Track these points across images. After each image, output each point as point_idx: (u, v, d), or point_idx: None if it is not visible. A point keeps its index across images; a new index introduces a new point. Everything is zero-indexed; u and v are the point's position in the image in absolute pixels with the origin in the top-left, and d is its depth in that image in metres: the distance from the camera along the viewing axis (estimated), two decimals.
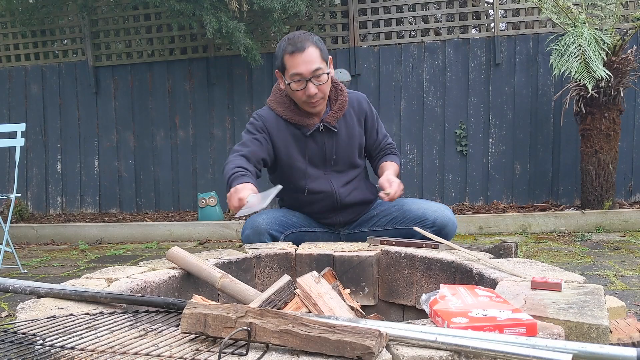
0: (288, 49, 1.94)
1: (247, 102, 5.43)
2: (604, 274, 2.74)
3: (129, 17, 5.74)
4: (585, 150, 4.41)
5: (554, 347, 0.84)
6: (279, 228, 2.03)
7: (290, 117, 2.06)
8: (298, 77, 1.94)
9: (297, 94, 1.98)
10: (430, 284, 1.60)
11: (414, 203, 2.08)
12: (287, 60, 1.95)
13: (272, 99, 2.13)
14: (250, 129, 2.08)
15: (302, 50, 1.94)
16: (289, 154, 2.07)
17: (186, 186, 5.55)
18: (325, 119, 2.06)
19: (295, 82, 1.96)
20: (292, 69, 1.94)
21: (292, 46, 1.94)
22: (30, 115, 5.81)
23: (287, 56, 1.95)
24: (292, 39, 1.96)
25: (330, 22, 5.43)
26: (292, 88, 1.97)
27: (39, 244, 4.69)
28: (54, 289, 1.28)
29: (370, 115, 2.18)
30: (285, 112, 2.07)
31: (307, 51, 1.94)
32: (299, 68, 1.93)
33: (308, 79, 1.94)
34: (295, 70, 1.94)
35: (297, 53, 1.93)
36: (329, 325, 0.85)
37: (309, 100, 1.99)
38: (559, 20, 4.43)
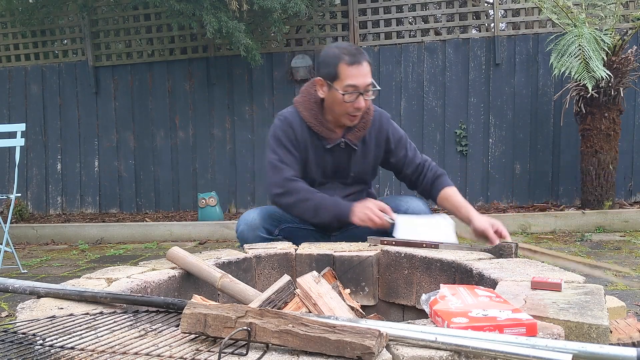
0: (346, 59, 1.92)
1: (247, 102, 5.42)
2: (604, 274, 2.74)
3: (129, 17, 5.74)
4: (585, 150, 4.41)
5: (554, 347, 0.84)
6: (273, 222, 2.06)
7: (315, 126, 2.03)
8: (353, 88, 1.92)
9: (345, 105, 1.95)
10: (430, 284, 1.60)
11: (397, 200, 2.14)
12: (343, 69, 1.92)
13: (300, 102, 2.09)
14: (284, 140, 2.03)
15: (360, 63, 1.93)
16: (305, 162, 2.07)
17: (186, 186, 5.55)
18: (347, 135, 2.06)
19: (349, 94, 1.92)
20: (349, 79, 1.91)
21: (350, 57, 1.92)
22: (30, 115, 5.81)
23: (343, 66, 1.92)
24: (348, 49, 1.95)
25: (330, 22, 5.43)
26: (345, 99, 1.93)
27: (39, 244, 4.69)
28: (54, 289, 1.28)
29: (393, 135, 2.14)
30: (311, 119, 2.04)
31: (364, 64, 1.93)
32: (356, 80, 1.92)
33: (361, 92, 1.93)
34: (353, 82, 1.91)
35: (357, 65, 1.92)
36: (329, 325, 0.85)
37: (353, 113, 1.97)
38: (559, 20, 4.43)
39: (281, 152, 2.01)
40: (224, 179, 5.48)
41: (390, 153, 2.14)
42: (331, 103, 2.00)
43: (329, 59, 1.97)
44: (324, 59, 2.00)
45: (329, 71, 1.96)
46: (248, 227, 2.02)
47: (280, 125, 2.05)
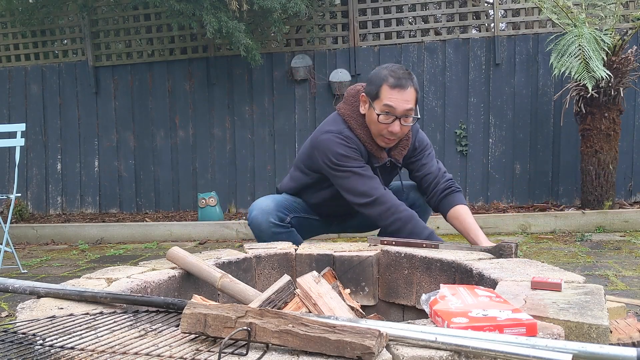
0: (390, 81, 1.93)
1: (247, 102, 5.42)
2: (604, 274, 2.74)
3: (129, 17, 5.74)
4: (585, 150, 4.41)
5: (554, 347, 0.84)
6: (285, 210, 2.13)
7: (369, 146, 2.04)
8: (389, 110, 1.93)
9: (380, 126, 1.96)
10: (430, 284, 1.60)
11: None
12: (384, 90, 1.93)
13: (352, 118, 2.06)
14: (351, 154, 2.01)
15: (404, 88, 1.93)
16: None
17: (186, 186, 5.55)
18: (393, 155, 2.09)
19: (384, 115, 1.93)
20: (388, 100, 1.92)
21: (395, 80, 1.92)
22: (30, 115, 5.81)
23: (386, 87, 1.93)
24: (396, 72, 1.95)
25: (330, 22, 5.43)
26: (380, 120, 1.94)
27: (39, 244, 4.69)
28: (54, 289, 1.28)
29: (420, 143, 2.18)
30: (365, 138, 2.04)
31: (408, 90, 1.93)
32: (395, 103, 1.92)
33: (398, 117, 1.94)
34: (391, 103, 1.92)
35: (399, 89, 1.93)
36: (329, 325, 0.85)
37: (387, 136, 1.99)
38: (559, 20, 4.43)
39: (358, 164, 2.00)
40: (224, 179, 5.48)
41: (411, 158, 2.18)
42: (369, 121, 2.01)
43: (375, 78, 1.99)
44: (371, 77, 2.02)
45: (371, 89, 1.98)
46: (261, 212, 2.07)
47: (341, 142, 2.01)
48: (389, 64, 2.03)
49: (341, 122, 2.07)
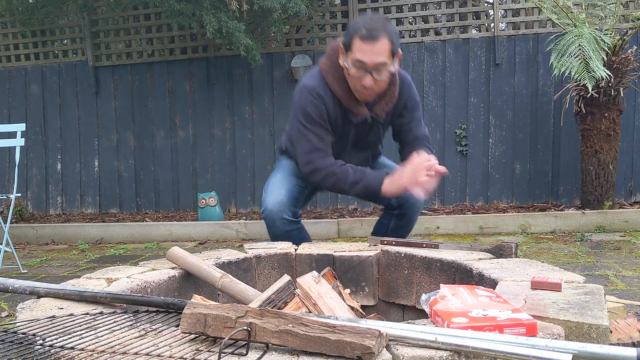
0: (361, 32, 1.83)
1: (247, 102, 5.42)
2: (604, 274, 2.74)
3: (129, 17, 5.74)
4: (585, 150, 4.41)
5: (554, 347, 0.84)
6: (296, 202, 2.15)
7: (344, 100, 1.97)
8: (360, 64, 1.85)
9: (352, 79, 1.90)
10: (430, 284, 1.60)
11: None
12: (356, 42, 1.84)
13: (328, 71, 1.99)
14: (317, 117, 1.97)
15: (374, 40, 1.82)
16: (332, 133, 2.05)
17: (186, 186, 5.55)
18: (374, 109, 2.02)
19: (355, 68, 1.86)
20: (357, 54, 1.84)
21: (367, 31, 1.82)
22: (30, 115, 5.81)
23: (357, 38, 1.84)
24: (369, 23, 1.85)
25: (330, 22, 5.43)
26: (350, 73, 1.88)
27: (39, 244, 4.69)
28: (54, 289, 1.28)
29: (409, 102, 2.11)
30: (340, 91, 1.96)
31: (379, 42, 1.83)
32: (364, 56, 1.83)
33: (369, 70, 1.85)
34: (360, 57, 1.84)
35: (369, 41, 1.82)
36: (329, 325, 0.85)
37: (361, 90, 1.92)
38: (559, 20, 4.43)
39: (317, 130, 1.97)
40: (224, 179, 5.48)
41: (399, 116, 2.12)
42: (346, 74, 1.93)
43: (350, 28, 1.90)
44: (348, 27, 1.94)
45: (346, 40, 1.90)
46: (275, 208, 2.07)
47: (312, 100, 1.96)
48: (368, 14, 1.98)
49: (319, 77, 2.00)
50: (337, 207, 5.32)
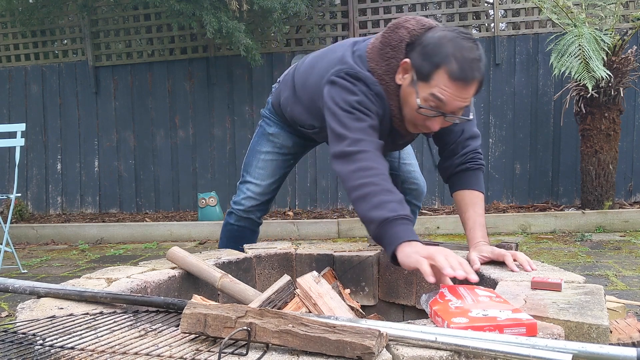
0: (453, 68, 1.36)
1: (247, 102, 5.42)
2: (604, 274, 2.74)
3: (129, 17, 5.74)
4: (585, 150, 4.41)
5: (554, 347, 0.84)
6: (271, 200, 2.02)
7: (398, 125, 1.56)
8: (437, 105, 1.41)
9: (416, 116, 1.46)
10: (430, 284, 1.60)
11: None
12: (440, 77, 1.38)
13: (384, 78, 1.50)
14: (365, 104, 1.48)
15: (467, 84, 1.38)
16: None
17: (186, 186, 5.55)
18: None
19: (428, 108, 1.42)
20: (438, 92, 1.38)
21: (460, 70, 1.36)
22: (30, 115, 5.81)
23: (444, 74, 1.37)
24: (465, 57, 1.36)
25: (330, 22, 5.43)
26: (420, 112, 1.43)
27: (39, 244, 4.69)
28: (54, 289, 1.28)
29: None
30: (395, 113, 1.53)
31: (471, 87, 1.39)
32: (448, 99, 1.39)
33: (444, 114, 1.43)
34: (443, 97, 1.39)
35: (460, 84, 1.37)
36: (329, 325, 0.85)
37: (421, 129, 1.52)
38: (559, 20, 4.43)
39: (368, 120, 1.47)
40: (224, 179, 5.48)
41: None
42: (404, 100, 1.49)
43: (432, 50, 1.39)
44: (427, 45, 1.41)
45: (423, 65, 1.41)
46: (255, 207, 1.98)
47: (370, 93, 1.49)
48: (456, 32, 1.41)
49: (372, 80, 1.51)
50: (337, 207, 5.32)
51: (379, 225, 1.32)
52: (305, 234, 4.42)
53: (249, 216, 2.00)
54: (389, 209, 1.32)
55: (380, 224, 1.32)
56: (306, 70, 1.76)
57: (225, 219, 2.07)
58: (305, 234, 4.42)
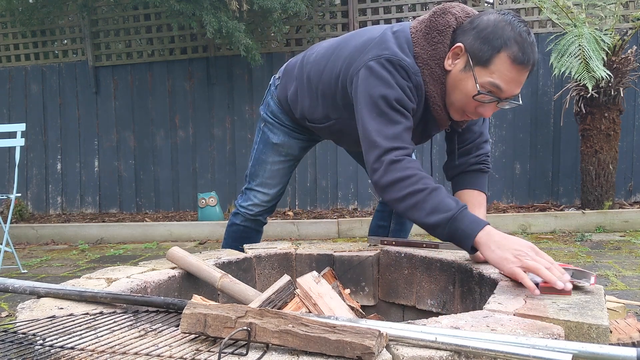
0: (515, 51, 1.34)
1: (247, 102, 5.42)
2: (604, 274, 2.74)
3: (129, 17, 5.74)
4: (585, 150, 4.41)
5: (554, 347, 0.84)
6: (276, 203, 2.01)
7: (438, 113, 1.51)
8: (495, 91, 1.38)
9: (470, 102, 1.42)
10: (430, 284, 1.60)
11: None
12: (502, 61, 1.35)
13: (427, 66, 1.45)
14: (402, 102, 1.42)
15: (527, 67, 1.37)
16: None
17: (186, 186, 5.55)
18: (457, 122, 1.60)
19: (486, 94, 1.38)
20: (499, 78, 1.36)
21: (522, 53, 1.34)
22: (30, 115, 5.81)
23: (506, 57, 1.34)
24: (525, 40, 1.35)
25: (330, 22, 5.43)
26: (477, 98, 1.39)
27: (39, 244, 4.69)
28: (54, 289, 1.28)
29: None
30: (437, 101, 1.48)
31: (528, 70, 1.39)
32: (508, 85, 1.37)
33: (500, 99, 1.40)
34: (501, 84, 1.37)
35: (522, 67, 1.36)
36: (329, 325, 0.85)
37: (471, 116, 1.48)
38: (559, 20, 4.43)
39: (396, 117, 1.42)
40: (224, 179, 5.48)
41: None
42: (453, 85, 1.44)
43: (492, 34, 1.36)
44: (485, 28, 1.38)
45: (482, 49, 1.37)
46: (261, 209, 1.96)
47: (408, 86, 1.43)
48: (510, 15, 1.38)
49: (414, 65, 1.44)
50: (337, 207, 5.32)
51: (446, 228, 1.31)
52: (305, 234, 4.42)
53: (256, 218, 2.01)
54: (445, 209, 1.31)
55: (446, 226, 1.30)
56: (323, 57, 1.68)
57: (231, 219, 2.04)
58: (305, 234, 4.42)
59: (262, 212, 2.00)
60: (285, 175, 1.98)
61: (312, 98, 1.71)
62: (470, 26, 1.42)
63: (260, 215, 2.01)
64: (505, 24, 1.36)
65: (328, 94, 1.64)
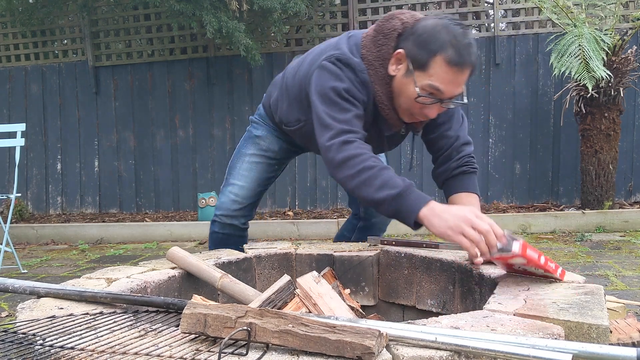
0: (450, 54, 1.40)
1: (247, 102, 5.43)
2: (604, 274, 2.74)
3: (129, 17, 5.74)
4: (585, 150, 4.41)
5: (554, 347, 0.84)
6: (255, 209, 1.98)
7: (386, 112, 1.57)
8: (435, 93, 1.45)
9: (414, 105, 1.49)
10: (430, 284, 1.60)
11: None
12: (438, 64, 1.41)
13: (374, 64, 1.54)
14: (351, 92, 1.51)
15: (463, 68, 1.43)
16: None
17: (186, 186, 5.55)
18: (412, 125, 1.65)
19: (426, 96, 1.46)
20: (437, 80, 1.43)
21: (457, 55, 1.40)
22: (30, 115, 5.81)
23: (442, 60, 1.41)
24: (460, 43, 1.41)
25: (330, 22, 5.43)
26: (418, 100, 1.47)
27: (39, 244, 4.69)
28: (54, 289, 1.28)
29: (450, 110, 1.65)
30: (383, 100, 1.55)
31: (466, 70, 1.44)
32: (446, 86, 1.44)
33: (441, 100, 1.47)
34: (440, 86, 1.43)
35: (458, 69, 1.42)
36: (329, 325, 0.85)
37: (418, 117, 1.55)
38: (559, 20, 4.43)
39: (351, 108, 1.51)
40: (224, 179, 5.48)
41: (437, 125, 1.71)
42: (399, 90, 1.52)
43: (428, 39, 1.43)
44: (422, 34, 1.45)
45: (419, 54, 1.44)
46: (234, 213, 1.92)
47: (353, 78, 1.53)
48: (447, 19, 1.47)
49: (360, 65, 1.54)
50: (337, 207, 5.32)
51: (392, 204, 1.38)
52: (305, 234, 4.42)
53: (232, 222, 1.95)
54: (392, 186, 1.39)
55: (392, 202, 1.38)
56: (298, 64, 1.79)
57: (210, 227, 2.02)
58: (305, 234, 4.42)
59: (237, 211, 1.93)
60: (262, 172, 1.97)
61: (288, 102, 1.80)
62: (410, 32, 1.50)
63: (236, 217, 1.95)
64: (441, 28, 1.43)
65: (298, 97, 1.74)
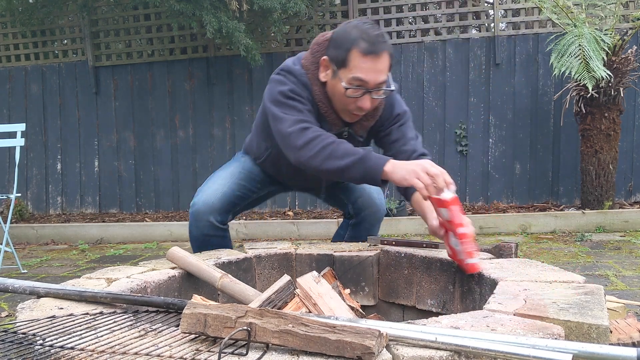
0: (362, 46, 1.56)
1: (247, 102, 5.42)
2: (604, 274, 2.74)
3: (129, 17, 5.74)
4: (585, 150, 4.41)
5: (554, 347, 0.84)
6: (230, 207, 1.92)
7: (324, 109, 1.71)
8: (360, 83, 1.59)
9: (346, 100, 1.64)
10: (430, 284, 1.60)
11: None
12: (355, 57, 1.57)
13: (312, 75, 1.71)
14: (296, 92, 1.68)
15: (378, 54, 1.57)
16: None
17: (186, 186, 5.55)
18: (353, 127, 1.77)
19: (353, 88, 1.60)
20: (358, 72, 1.58)
21: (369, 45, 1.56)
22: (30, 115, 5.81)
23: (357, 53, 1.57)
24: (369, 34, 1.57)
25: (330, 22, 5.42)
26: (348, 94, 1.61)
27: (39, 244, 4.69)
28: (54, 289, 1.28)
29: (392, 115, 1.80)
30: (322, 99, 1.70)
31: (382, 57, 1.58)
32: (367, 75, 1.58)
33: (369, 90, 1.61)
34: (361, 76, 1.58)
35: (373, 56, 1.57)
36: (329, 325, 0.85)
37: (354, 112, 1.67)
38: (559, 20, 4.43)
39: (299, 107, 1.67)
40: None
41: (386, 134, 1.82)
42: (332, 92, 1.68)
43: (342, 40, 1.61)
44: (337, 37, 1.64)
45: (338, 54, 1.61)
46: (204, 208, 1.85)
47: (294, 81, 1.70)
48: (358, 20, 1.66)
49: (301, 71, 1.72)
50: None
51: (358, 167, 1.53)
52: (305, 234, 4.42)
53: (208, 218, 1.86)
54: (354, 152, 1.55)
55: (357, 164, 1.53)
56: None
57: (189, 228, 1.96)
58: (305, 234, 4.42)
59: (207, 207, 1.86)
60: (239, 180, 1.97)
61: (257, 135, 2.00)
62: (330, 40, 1.68)
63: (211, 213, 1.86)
64: (351, 28, 1.62)
65: (263, 124, 1.89)
